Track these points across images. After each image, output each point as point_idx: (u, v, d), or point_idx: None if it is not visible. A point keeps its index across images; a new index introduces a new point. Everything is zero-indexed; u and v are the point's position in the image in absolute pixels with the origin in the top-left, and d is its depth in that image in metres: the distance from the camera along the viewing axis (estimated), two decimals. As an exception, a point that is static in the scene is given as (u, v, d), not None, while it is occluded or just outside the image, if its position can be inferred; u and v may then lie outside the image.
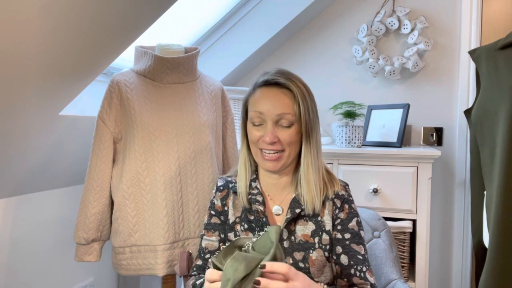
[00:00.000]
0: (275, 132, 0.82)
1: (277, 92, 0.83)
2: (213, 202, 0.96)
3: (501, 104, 1.13)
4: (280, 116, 0.82)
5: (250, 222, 0.89)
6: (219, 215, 0.94)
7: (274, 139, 0.81)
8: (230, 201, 0.93)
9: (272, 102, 0.82)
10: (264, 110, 0.82)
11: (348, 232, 0.86)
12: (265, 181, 0.92)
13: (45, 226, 1.44)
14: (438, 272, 1.82)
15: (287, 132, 0.83)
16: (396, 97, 1.86)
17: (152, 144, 1.21)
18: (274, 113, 0.82)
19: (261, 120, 0.84)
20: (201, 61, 1.91)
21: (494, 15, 1.70)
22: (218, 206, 0.95)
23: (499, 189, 1.09)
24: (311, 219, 0.87)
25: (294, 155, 0.86)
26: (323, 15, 1.98)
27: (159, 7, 1.01)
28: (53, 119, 1.21)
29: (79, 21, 0.88)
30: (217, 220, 0.94)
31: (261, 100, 0.84)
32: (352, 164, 1.51)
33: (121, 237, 1.23)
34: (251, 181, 0.91)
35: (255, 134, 0.85)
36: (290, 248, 0.84)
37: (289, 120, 0.82)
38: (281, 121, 0.82)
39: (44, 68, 0.96)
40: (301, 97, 0.82)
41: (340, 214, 0.88)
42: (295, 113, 0.82)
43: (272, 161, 0.83)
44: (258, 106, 0.83)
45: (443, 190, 1.79)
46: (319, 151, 0.87)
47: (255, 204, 0.87)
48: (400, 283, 1.04)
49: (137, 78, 1.26)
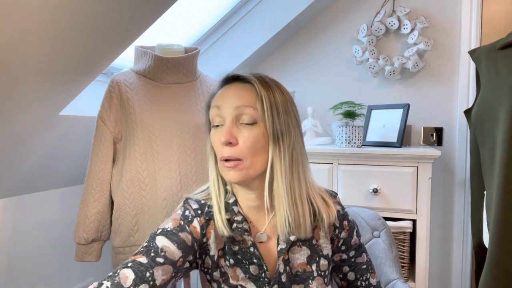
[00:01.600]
0: (234, 131, 0.67)
1: (237, 86, 0.71)
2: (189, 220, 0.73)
3: (501, 104, 1.13)
4: (239, 110, 0.67)
5: (236, 255, 0.73)
6: (194, 240, 0.71)
7: (230, 138, 0.66)
8: (212, 231, 0.73)
9: (230, 95, 0.69)
10: (221, 103, 0.69)
11: (352, 250, 0.82)
12: (245, 205, 0.75)
13: (45, 226, 1.44)
14: (438, 272, 1.82)
15: (246, 132, 0.67)
16: (396, 97, 1.86)
17: (152, 144, 1.21)
18: (232, 105, 0.68)
19: (221, 119, 0.70)
20: (201, 61, 1.91)
21: (494, 15, 1.70)
22: (196, 231, 0.72)
23: (499, 189, 1.09)
24: (305, 244, 0.76)
25: (260, 165, 0.69)
26: (323, 15, 1.98)
27: (159, 7, 1.01)
28: (53, 119, 1.21)
29: (79, 21, 0.88)
30: (188, 241, 0.70)
31: (220, 95, 0.71)
32: (352, 164, 1.51)
33: (121, 237, 1.23)
34: (232, 205, 0.74)
35: (215, 138, 0.70)
36: (287, 282, 0.73)
37: (251, 115, 0.67)
38: (241, 118, 0.68)
39: (44, 68, 0.96)
40: (265, 92, 0.68)
41: (341, 234, 0.80)
42: (257, 109, 0.68)
43: (231, 168, 0.67)
44: (216, 100, 0.71)
45: (443, 190, 1.79)
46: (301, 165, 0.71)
47: (244, 235, 0.73)
48: (400, 283, 1.04)
49: (137, 78, 1.26)
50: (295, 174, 0.70)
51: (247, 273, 0.73)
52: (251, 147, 0.67)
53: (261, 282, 0.72)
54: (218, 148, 0.70)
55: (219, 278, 0.74)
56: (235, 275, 0.73)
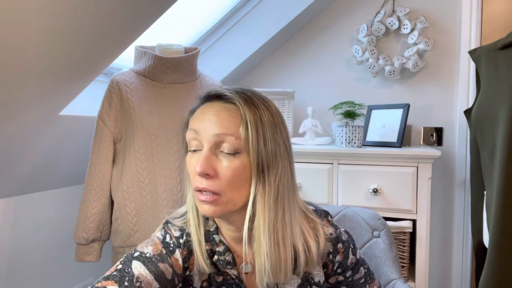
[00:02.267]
0: (211, 161, 0.58)
1: (219, 106, 0.61)
2: (171, 249, 0.64)
3: (501, 104, 1.13)
4: (218, 138, 0.58)
5: (221, 286, 0.66)
6: (174, 276, 0.63)
7: (207, 169, 0.57)
8: (194, 263, 0.65)
9: (210, 119, 0.59)
10: (199, 128, 0.60)
11: (349, 270, 0.77)
12: (227, 235, 0.67)
13: (45, 226, 1.44)
14: (438, 272, 1.82)
15: (228, 161, 0.58)
16: (396, 97, 1.86)
17: (152, 144, 1.21)
18: (211, 132, 0.58)
19: (198, 144, 0.61)
20: (201, 61, 1.91)
21: (494, 15, 1.70)
22: (177, 264, 0.64)
23: (499, 189, 1.09)
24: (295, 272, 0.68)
25: (240, 200, 0.60)
26: (323, 15, 1.98)
27: (159, 7, 1.01)
28: (53, 119, 1.21)
29: (79, 21, 0.88)
30: (168, 274, 0.62)
31: (199, 115, 0.62)
32: (352, 164, 1.51)
33: (121, 237, 1.23)
34: (213, 233, 0.66)
35: (190, 163, 0.62)
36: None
37: (232, 145, 0.58)
38: (222, 146, 0.59)
39: (44, 68, 0.96)
40: (251, 116, 0.58)
41: (336, 258, 0.73)
42: (241, 137, 0.58)
43: (208, 203, 0.59)
44: (194, 123, 0.62)
45: (443, 190, 1.79)
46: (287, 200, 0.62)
47: (227, 268, 0.64)
48: (400, 283, 1.04)
49: (137, 78, 1.26)
50: (280, 211, 0.61)
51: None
52: (231, 181, 0.58)
53: None
54: (193, 176, 0.61)
55: None
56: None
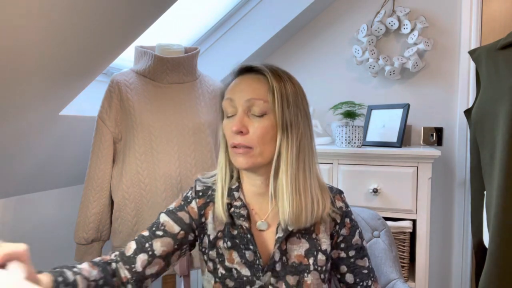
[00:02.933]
0: (245, 121, 0.71)
1: (250, 78, 0.74)
2: (188, 201, 0.80)
3: (501, 104, 1.13)
4: (250, 103, 0.71)
5: (234, 238, 0.76)
6: (192, 220, 0.79)
7: (241, 128, 0.70)
8: (210, 212, 0.79)
9: (242, 88, 0.73)
10: (233, 95, 0.73)
11: (352, 249, 0.80)
12: (249, 191, 0.78)
13: (45, 226, 1.44)
14: (438, 272, 1.82)
15: (257, 123, 0.71)
16: (396, 97, 1.86)
17: (152, 144, 1.21)
18: (243, 98, 0.71)
19: (233, 110, 0.73)
20: (201, 61, 1.91)
21: (494, 15, 1.70)
22: (193, 211, 0.79)
23: (499, 189, 1.09)
24: (304, 236, 0.76)
25: (269, 154, 0.72)
26: (323, 15, 1.98)
27: (159, 7, 1.01)
28: (53, 119, 1.21)
29: (79, 21, 0.88)
30: (186, 219, 0.78)
31: (233, 87, 0.75)
32: (352, 164, 1.51)
33: (121, 237, 1.23)
34: (234, 190, 0.78)
35: (227, 129, 0.74)
36: (282, 271, 0.74)
37: (260, 108, 0.70)
38: (252, 109, 0.71)
39: (44, 68, 0.96)
40: (277, 84, 0.71)
41: (342, 230, 0.79)
42: (268, 101, 0.71)
43: (241, 155, 0.71)
44: (228, 92, 0.75)
45: (443, 190, 1.79)
46: (307, 156, 0.74)
47: (239, 220, 0.75)
48: (400, 283, 1.04)
49: (137, 78, 1.26)
50: (301, 164, 0.72)
51: (243, 258, 0.75)
52: (261, 137, 0.70)
53: (255, 269, 0.74)
54: (229, 136, 0.73)
55: (215, 258, 0.77)
56: (231, 258, 0.76)
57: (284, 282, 0.73)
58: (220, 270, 0.76)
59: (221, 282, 0.75)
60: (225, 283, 0.75)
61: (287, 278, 0.74)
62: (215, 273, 0.77)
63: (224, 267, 0.76)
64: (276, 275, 0.74)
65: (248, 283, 0.74)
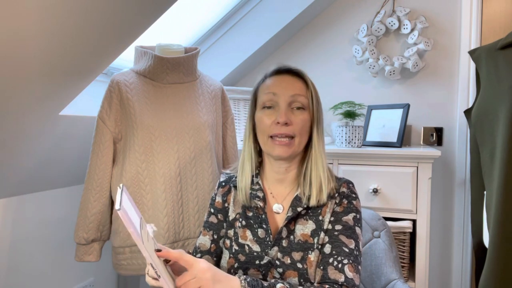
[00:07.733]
0: (288, 113, 0.82)
1: (290, 77, 0.86)
2: (214, 199, 0.95)
3: (501, 104, 1.13)
4: (294, 98, 0.83)
5: (248, 219, 0.88)
6: (218, 212, 0.93)
7: (287, 119, 0.81)
8: (231, 197, 0.93)
9: (285, 85, 0.84)
10: (277, 91, 0.83)
11: (340, 224, 0.81)
12: (270, 177, 0.90)
13: (45, 226, 1.44)
14: (438, 272, 1.82)
15: (299, 115, 0.83)
16: (396, 97, 1.86)
17: (152, 144, 1.21)
18: (288, 93, 0.82)
19: (274, 103, 0.84)
20: (201, 61, 1.91)
21: (494, 15, 1.70)
22: (218, 202, 0.94)
23: (499, 189, 1.09)
24: (312, 218, 0.84)
25: (303, 144, 0.85)
26: (323, 15, 1.98)
27: (159, 7, 1.01)
28: (53, 119, 1.21)
29: (79, 21, 0.88)
30: (214, 219, 0.93)
31: (274, 83, 0.85)
32: (352, 164, 1.51)
33: (121, 237, 1.23)
34: (253, 176, 0.89)
35: (266, 121, 0.84)
36: (288, 247, 0.82)
37: (302, 103, 0.83)
38: (294, 104, 0.83)
39: (44, 68, 0.96)
40: (312, 85, 0.86)
41: (337, 208, 0.85)
42: (308, 97, 0.84)
43: (283, 145, 0.81)
44: (271, 88, 0.85)
45: (443, 190, 1.79)
46: (324, 145, 0.89)
47: (255, 200, 0.86)
48: (400, 283, 1.04)
49: (137, 78, 1.26)
50: (324, 153, 0.87)
51: (255, 235, 0.85)
52: (301, 128, 0.83)
53: (265, 245, 0.83)
54: (269, 126, 0.83)
55: (232, 236, 0.89)
56: (244, 235, 0.86)
57: (290, 257, 0.81)
58: (234, 247, 0.86)
59: (234, 257, 0.85)
60: (238, 258, 0.85)
61: (292, 254, 0.81)
62: (230, 249, 0.87)
63: (237, 244, 0.86)
64: (282, 250, 0.82)
65: (257, 258, 0.83)
